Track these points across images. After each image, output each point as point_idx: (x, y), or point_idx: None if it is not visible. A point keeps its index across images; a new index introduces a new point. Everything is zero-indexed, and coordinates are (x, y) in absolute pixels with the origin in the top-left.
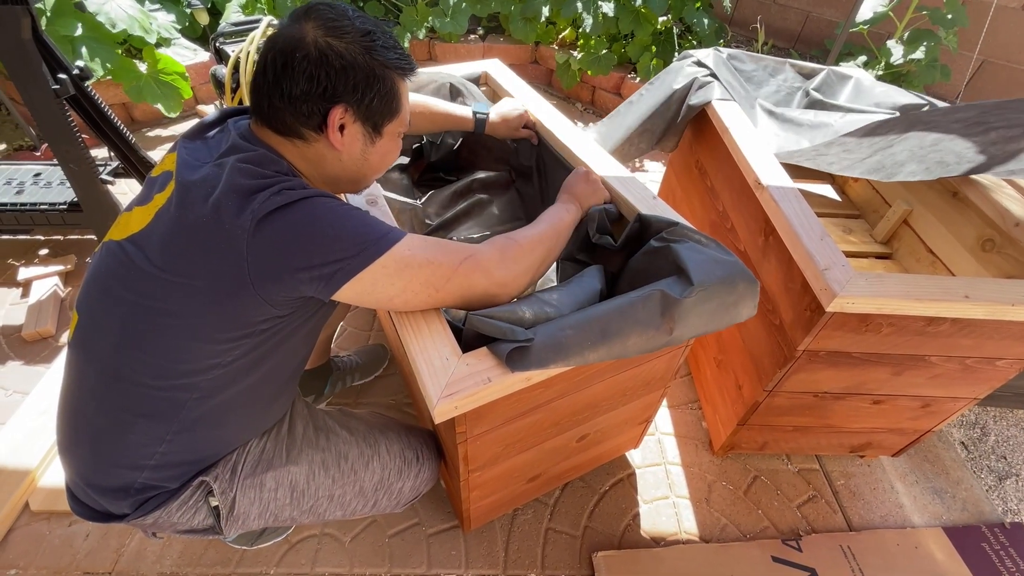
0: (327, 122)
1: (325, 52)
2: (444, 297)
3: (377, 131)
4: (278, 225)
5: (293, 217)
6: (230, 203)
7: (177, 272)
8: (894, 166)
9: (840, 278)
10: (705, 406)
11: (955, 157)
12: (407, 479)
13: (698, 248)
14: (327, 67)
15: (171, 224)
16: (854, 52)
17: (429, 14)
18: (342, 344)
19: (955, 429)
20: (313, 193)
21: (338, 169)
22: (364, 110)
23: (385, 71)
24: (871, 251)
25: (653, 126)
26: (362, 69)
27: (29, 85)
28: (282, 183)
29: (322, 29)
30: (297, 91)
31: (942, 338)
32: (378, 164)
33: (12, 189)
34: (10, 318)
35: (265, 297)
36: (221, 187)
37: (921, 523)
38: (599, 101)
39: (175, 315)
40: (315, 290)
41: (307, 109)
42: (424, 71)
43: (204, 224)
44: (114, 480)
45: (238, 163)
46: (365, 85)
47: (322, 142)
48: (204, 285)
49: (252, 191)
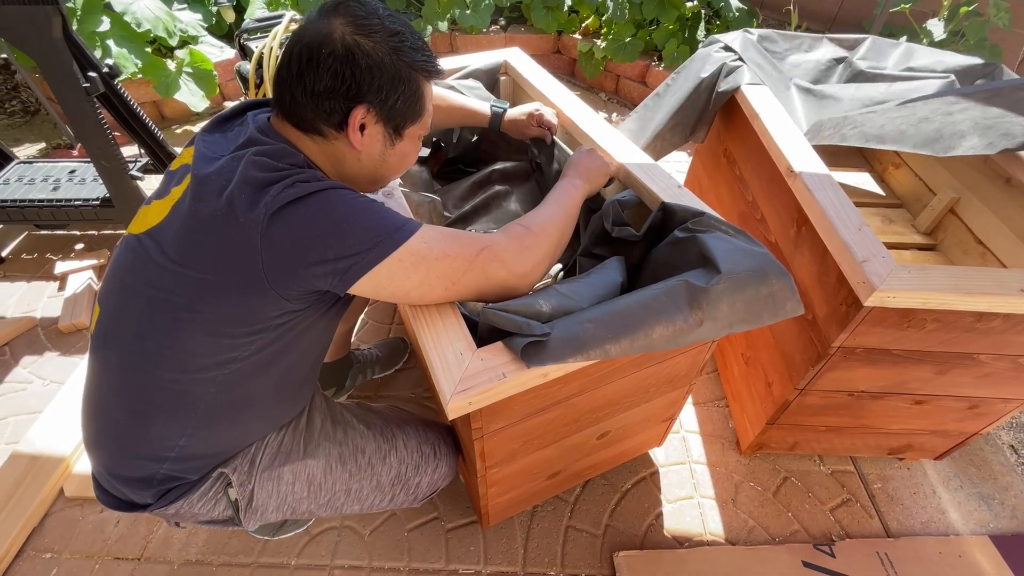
0: (348, 121)
1: (352, 50)
2: (461, 290)
3: (398, 133)
4: (292, 218)
5: (307, 210)
6: (243, 196)
7: (192, 266)
8: (953, 137)
9: (880, 270)
10: (732, 404)
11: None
12: (424, 474)
13: (725, 238)
14: (353, 65)
15: (186, 218)
16: (895, 33)
17: (451, 6)
18: (363, 337)
19: (1004, 432)
20: (328, 185)
21: (356, 168)
22: (387, 111)
23: (411, 72)
24: (913, 242)
25: (684, 119)
26: (388, 70)
27: (61, 83)
28: (296, 175)
29: (351, 26)
30: (321, 87)
31: (993, 335)
32: (397, 165)
33: (49, 186)
34: (48, 310)
35: (280, 291)
36: (236, 180)
37: (966, 530)
38: (623, 90)
39: (191, 309)
40: (330, 284)
41: (329, 106)
42: (442, 64)
43: (218, 218)
44: (137, 471)
45: (253, 156)
46: (390, 86)
47: (342, 140)
48: (218, 279)
49: (266, 184)
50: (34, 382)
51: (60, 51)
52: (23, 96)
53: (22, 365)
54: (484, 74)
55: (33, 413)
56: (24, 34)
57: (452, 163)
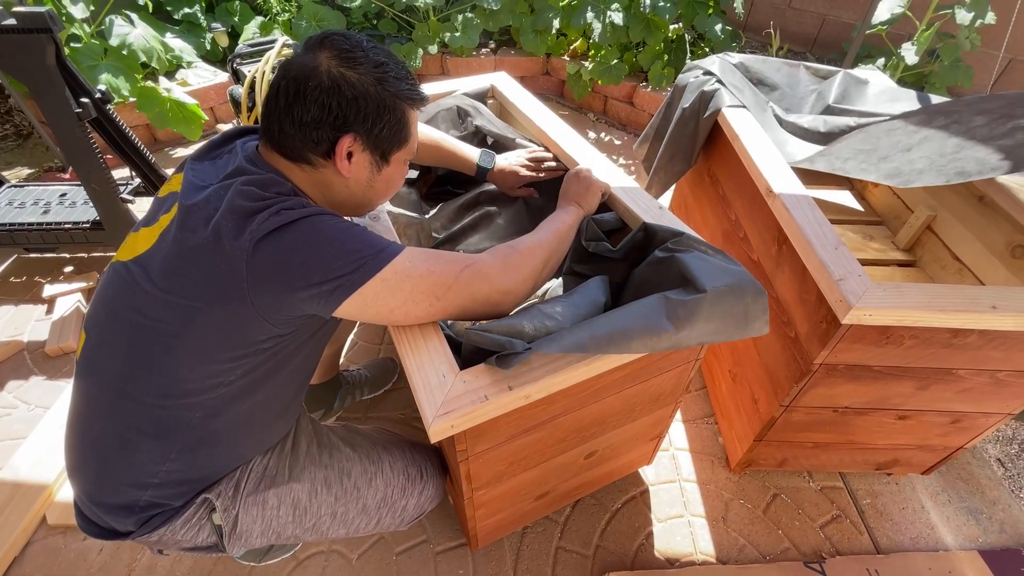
0: (336, 150)
1: (338, 81)
2: (445, 306)
3: (385, 159)
4: (276, 245)
5: (291, 236)
6: (229, 225)
7: (179, 294)
8: (912, 173)
9: (856, 289)
10: (721, 421)
11: (976, 165)
12: (411, 496)
13: (704, 257)
14: (339, 96)
15: (173, 246)
16: (873, 54)
17: (441, 29)
18: (352, 358)
19: (990, 445)
20: (312, 212)
21: (344, 195)
22: (373, 139)
23: (396, 101)
24: (893, 259)
25: (680, 149)
26: (373, 99)
27: (53, 109)
28: (281, 203)
29: (336, 59)
30: (308, 118)
31: (970, 350)
32: (383, 190)
33: (39, 209)
34: (35, 334)
35: (266, 317)
36: (222, 209)
37: (955, 545)
38: (611, 110)
39: (178, 336)
40: (316, 307)
41: (317, 136)
42: (432, 87)
43: (205, 246)
44: (119, 498)
45: (241, 186)
46: (376, 115)
47: (329, 168)
48: (205, 307)
49: (252, 212)
50: (19, 407)
51: (53, 78)
52: (16, 120)
53: (7, 390)
54: (472, 98)
55: (18, 439)
56: (18, 61)
57: (441, 184)
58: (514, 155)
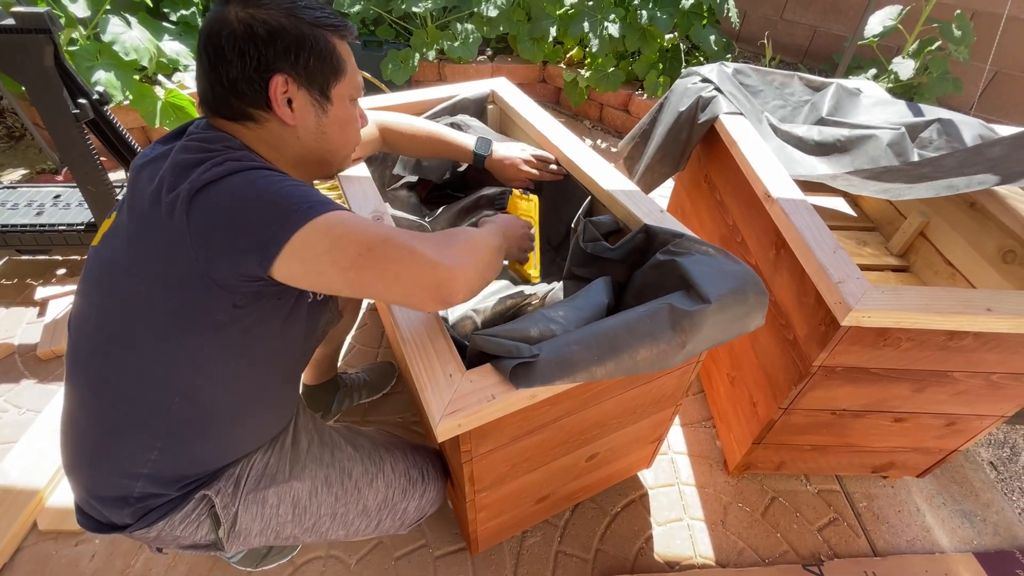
0: (270, 96)
1: (248, 24)
2: (378, 257)
3: (325, 96)
4: (213, 196)
5: (228, 187)
6: (170, 179)
7: (138, 262)
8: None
9: (855, 291)
10: (719, 424)
11: (964, 182)
12: (412, 499)
13: (705, 260)
14: (253, 38)
15: (127, 213)
16: (863, 66)
17: (439, 36)
18: (350, 361)
19: (983, 448)
20: (255, 164)
21: (299, 148)
22: (304, 75)
23: (314, 30)
24: (887, 264)
25: (671, 151)
26: (289, 32)
27: (50, 110)
28: (226, 155)
29: (241, 4)
30: (234, 72)
31: (965, 353)
32: (338, 136)
33: (33, 211)
34: (27, 336)
35: (214, 277)
36: (166, 165)
37: (950, 548)
38: (607, 118)
39: (143, 307)
40: (255, 262)
41: (247, 87)
42: (432, 92)
43: (150, 204)
44: (112, 490)
45: (185, 141)
46: (297, 47)
47: (274, 120)
48: (160, 269)
49: (192, 164)
50: (10, 411)
51: (51, 79)
52: (8, 121)
53: None
54: (472, 103)
55: (8, 443)
56: (16, 62)
57: (440, 188)
58: (517, 147)
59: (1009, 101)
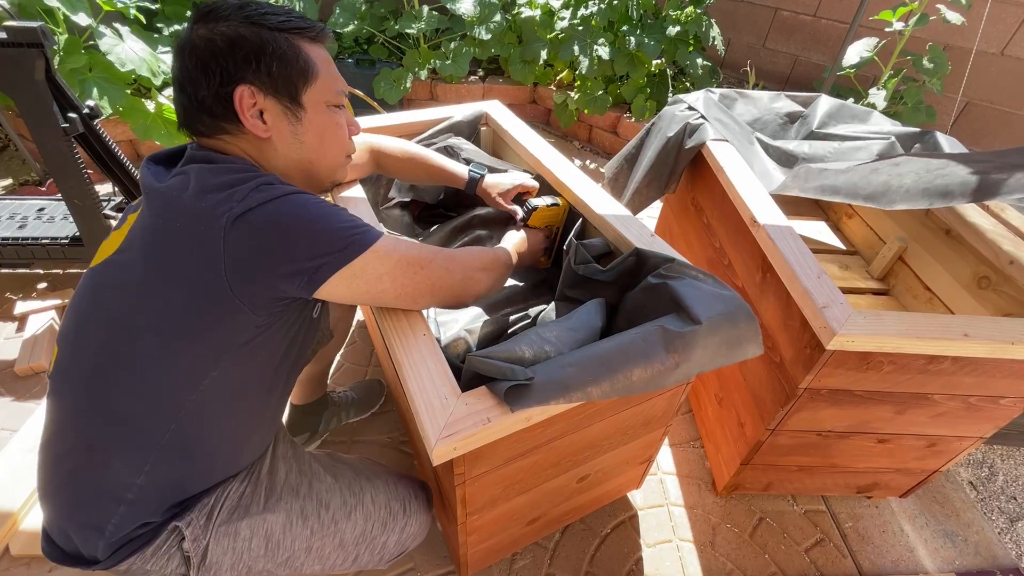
0: (236, 108)
1: (209, 38)
2: (429, 275)
3: (296, 102)
4: (258, 221)
5: (273, 213)
6: (203, 203)
7: (154, 283)
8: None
9: (839, 316)
10: (707, 444)
11: (960, 186)
12: (392, 532)
13: (696, 284)
14: (215, 52)
15: (146, 234)
16: (842, 94)
17: (431, 56)
18: (338, 379)
19: (963, 469)
20: (293, 190)
21: (281, 160)
22: (269, 82)
23: (275, 35)
24: (868, 287)
25: (658, 175)
26: (249, 39)
27: (40, 124)
28: (260, 179)
29: (201, 22)
30: (201, 91)
31: (944, 376)
32: (319, 146)
33: (15, 223)
34: (4, 352)
35: (243, 299)
36: (192, 189)
37: (933, 568)
38: (596, 139)
39: (151, 329)
40: (298, 286)
41: (214, 103)
42: (426, 113)
43: (179, 227)
44: (92, 514)
45: (205, 165)
46: (257, 53)
47: (249, 134)
48: (183, 293)
49: (227, 186)
50: None
51: (41, 93)
52: None
53: None
54: (466, 124)
55: None
56: (6, 75)
57: (433, 208)
58: (508, 178)
59: (980, 130)
